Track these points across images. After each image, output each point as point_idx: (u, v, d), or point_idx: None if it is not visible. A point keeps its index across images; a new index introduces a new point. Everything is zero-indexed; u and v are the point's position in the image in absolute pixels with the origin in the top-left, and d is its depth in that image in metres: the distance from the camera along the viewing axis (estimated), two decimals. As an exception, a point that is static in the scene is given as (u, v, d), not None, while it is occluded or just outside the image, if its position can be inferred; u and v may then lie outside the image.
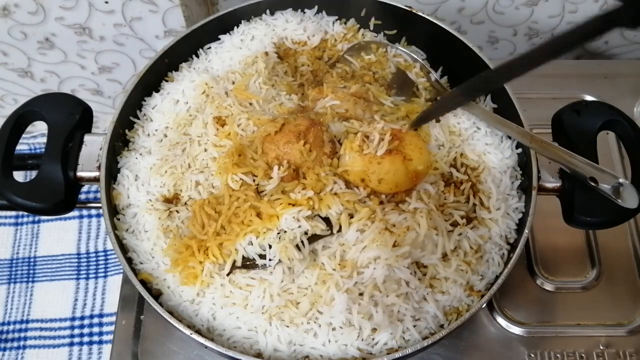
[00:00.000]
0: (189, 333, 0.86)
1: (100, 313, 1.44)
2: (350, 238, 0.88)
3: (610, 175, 0.89)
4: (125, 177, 1.01)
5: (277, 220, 0.88)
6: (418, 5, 1.30)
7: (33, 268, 1.50)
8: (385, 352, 0.87)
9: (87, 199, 1.52)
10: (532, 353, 1.12)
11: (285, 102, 1.05)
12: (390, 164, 0.90)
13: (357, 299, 0.87)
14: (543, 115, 1.09)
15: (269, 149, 0.94)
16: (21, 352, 1.40)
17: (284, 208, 0.88)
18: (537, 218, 0.95)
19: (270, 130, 0.94)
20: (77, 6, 1.27)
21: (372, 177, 0.90)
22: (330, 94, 1.02)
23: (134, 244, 0.97)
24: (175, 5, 1.26)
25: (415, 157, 0.91)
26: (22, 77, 1.49)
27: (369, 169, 0.90)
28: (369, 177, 0.90)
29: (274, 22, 1.15)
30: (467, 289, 0.93)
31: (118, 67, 1.47)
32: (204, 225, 0.91)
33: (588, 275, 1.20)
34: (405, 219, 0.90)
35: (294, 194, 0.90)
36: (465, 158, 1.00)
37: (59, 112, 1.02)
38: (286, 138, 0.93)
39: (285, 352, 0.88)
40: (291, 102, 1.05)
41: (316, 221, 0.89)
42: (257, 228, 0.88)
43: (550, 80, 1.41)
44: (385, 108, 1.04)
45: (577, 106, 1.02)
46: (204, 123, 1.01)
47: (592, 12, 1.44)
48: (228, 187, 0.92)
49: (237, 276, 0.90)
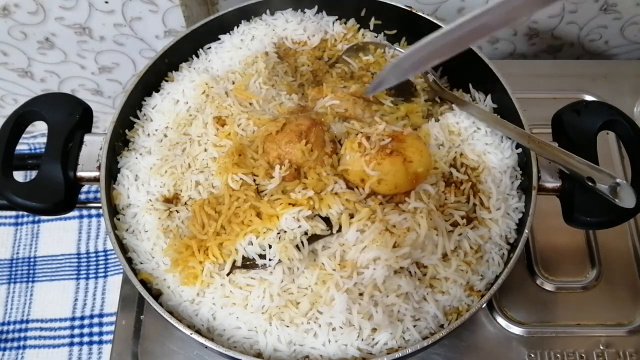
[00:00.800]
0: (189, 333, 0.86)
1: (100, 313, 1.44)
2: (351, 238, 0.88)
3: (607, 175, 0.89)
4: (125, 177, 1.01)
5: (277, 221, 0.88)
6: (418, 5, 1.30)
7: (33, 268, 1.50)
8: (385, 352, 0.87)
9: (87, 199, 1.52)
10: (532, 353, 1.12)
11: (285, 102, 1.05)
12: (391, 165, 0.90)
13: (357, 299, 0.86)
14: (543, 115, 1.09)
15: (270, 149, 0.94)
16: (21, 352, 1.40)
17: (284, 208, 0.88)
18: (537, 218, 0.95)
19: (272, 129, 0.94)
20: (77, 6, 1.27)
21: (371, 177, 0.90)
22: (330, 93, 1.02)
23: (134, 244, 0.97)
24: (175, 5, 1.26)
25: (415, 159, 0.91)
26: (22, 77, 1.49)
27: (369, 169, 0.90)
28: (369, 177, 0.90)
29: (274, 22, 1.15)
30: (467, 289, 0.93)
31: (118, 67, 1.47)
32: (204, 225, 0.91)
33: (588, 275, 1.20)
34: (405, 219, 0.90)
35: (295, 193, 0.90)
36: (465, 158, 1.00)
37: (59, 112, 1.02)
38: (288, 137, 0.93)
39: (285, 352, 0.88)
40: (291, 102, 1.05)
41: (316, 221, 0.89)
42: (257, 228, 0.88)
43: (550, 80, 1.41)
44: (385, 108, 1.04)
45: (577, 106, 1.02)
46: (204, 123, 1.01)
47: (592, 11, 1.44)
48: (228, 187, 0.92)
49: (237, 276, 0.90)
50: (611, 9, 1.43)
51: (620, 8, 1.43)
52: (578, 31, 1.51)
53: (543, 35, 1.52)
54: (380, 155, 0.90)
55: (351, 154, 0.92)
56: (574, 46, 1.57)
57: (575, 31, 1.51)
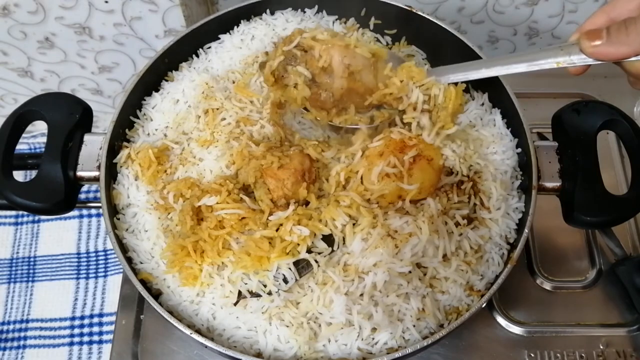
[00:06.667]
0: (189, 333, 0.86)
1: (100, 313, 1.44)
2: (356, 249, 0.88)
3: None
4: (125, 177, 1.01)
5: (267, 263, 0.88)
6: (418, 5, 1.30)
7: (33, 268, 1.50)
8: (385, 351, 0.87)
9: (87, 198, 1.52)
10: (532, 353, 1.12)
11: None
12: (421, 172, 0.90)
13: (357, 300, 0.87)
14: (543, 115, 1.09)
15: (274, 186, 0.92)
16: (21, 351, 1.40)
17: (280, 257, 0.88)
18: (537, 218, 0.95)
19: (273, 165, 0.92)
20: (77, 6, 1.27)
21: (410, 191, 0.90)
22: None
23: (134, 244, 0.97)
24: (175, 4, 1.26)
25: (434, 155, 0.92)
26: (22, 77, 1.49)
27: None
28: (407, 192, 0.90)
29: (274, 21, 1.15)
30: (467, 289, 0.93)
31: (118, 67, 1.47)
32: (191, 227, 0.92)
33: (588, 275, 1.20)
34: (407, 222, 0.90)
35: (290, 236, 0.88)
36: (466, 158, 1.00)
37: (58, 111, 1.02)
38: (293, 178, 0.91)
39: (285, 352, 0.88)
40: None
41: (316, 244, 0.89)
42: (246, 265, 0.88)
43: (550, 80, 1.40)
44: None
45: (577, 106, 1.02)
46: (197, 117, 1.02)
47: (592, 11, 1.43)
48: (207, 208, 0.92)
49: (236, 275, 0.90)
50: (611, 9, 1.43)
51: (620, 8, 1.43)
52: (578, 31, 1.51)
53: (543, 35, 1.52)
54: (408, 166, 0.90)
55: (378, 179, 0.90)
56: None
57: (576, 31, 1.51)
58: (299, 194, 0.91)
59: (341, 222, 0.89)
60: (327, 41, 0.93)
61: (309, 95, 0.96)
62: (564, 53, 0.83)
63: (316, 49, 0.93)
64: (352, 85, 0.95)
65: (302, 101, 0.97)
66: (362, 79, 0.95)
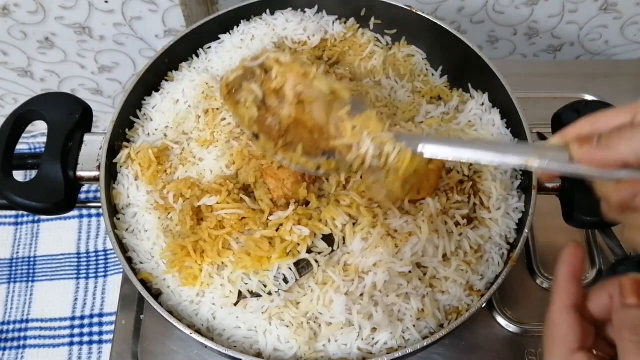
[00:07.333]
0: (189, 332, 0.86)
1: (100, 313, 1.44)
2: (356, 248, 0.88)
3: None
4: (125, 177, 1.01)
5: (268, 263, 0.87)
6: (418, 5, 1.30)
7: (33, 268, 1.50)
8: (385, 351, 0.87)
9: (87, 198, 1.52)
10: (532, 352, 1.12)
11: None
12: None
13: (357, 300, 0.87)
14: (543, 115, 1.09)
15: (274, 185, 0.92)
16: (21, 351, 1.40)
17: (280, 257, 0.87)
18: (537, 218, 0.95)
19: (274, 165, 0.92)
20: (77, 6, 1.27)
21: (423, 184, 0.91)
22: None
23: (134, 244, 0.97)
24: (175, 4, 1.26)
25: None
26: (22, 77, 1.49)
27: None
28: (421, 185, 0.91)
29: (274, 21, 1.15)
30: (467, 289, 0.93)
31: (118, 67, 1.47)
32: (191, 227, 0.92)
33: (588, 275, 1.20)
34: (407, 222, 0.90)
35: (290, 236, 0.88)
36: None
37: (58, 111, 1.02)
38: (294, 178, 0.91)
39: (285, 352, 0.88)
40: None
41: (316, 244, 0.89)
42: (246, 265, 0.87)
43: (550, 80, 1.40)
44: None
45: (577, 106, 1.02)
46: (197, 117, 1.02)
47: (592, 11, 1.44)
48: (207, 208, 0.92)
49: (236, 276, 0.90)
50: (611, 9, 1.43)
51: (620, 8, 1.43)
52: (578, 31, 1.51)
53: (543, 35, 1.53)
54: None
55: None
56: (574, 46, 1.57)
57: (575, 31, 1.51)
58: (299, 193, 0.91)
59: (341, 222, 0.89)
60: (287, 64, 0.88)
61: (256, 116, 0.88)
62: (537, 154, 0.72)
63: (274, 70, 0.88)
64: (300, 116, 0.87)
65: (250, 122, 0.89)
66: (311, 112, 0.87)
